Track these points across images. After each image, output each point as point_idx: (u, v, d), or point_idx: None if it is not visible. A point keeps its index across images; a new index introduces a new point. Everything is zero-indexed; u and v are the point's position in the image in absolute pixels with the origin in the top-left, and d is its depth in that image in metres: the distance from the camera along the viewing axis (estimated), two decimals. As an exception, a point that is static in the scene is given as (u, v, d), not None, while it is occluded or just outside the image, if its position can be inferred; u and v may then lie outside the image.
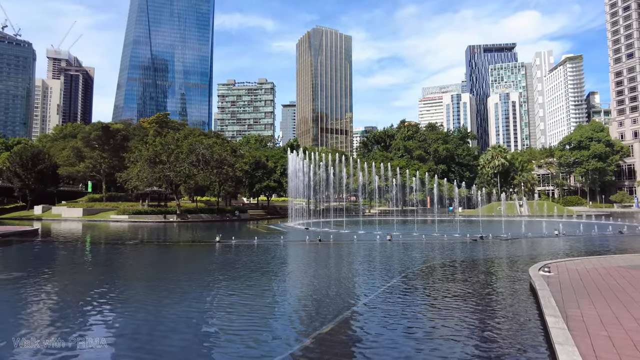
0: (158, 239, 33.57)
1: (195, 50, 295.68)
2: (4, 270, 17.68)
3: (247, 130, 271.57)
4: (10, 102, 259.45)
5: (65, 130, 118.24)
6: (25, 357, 7.16)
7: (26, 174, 79.66)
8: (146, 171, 59.34)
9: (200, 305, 11.03)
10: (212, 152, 62.03)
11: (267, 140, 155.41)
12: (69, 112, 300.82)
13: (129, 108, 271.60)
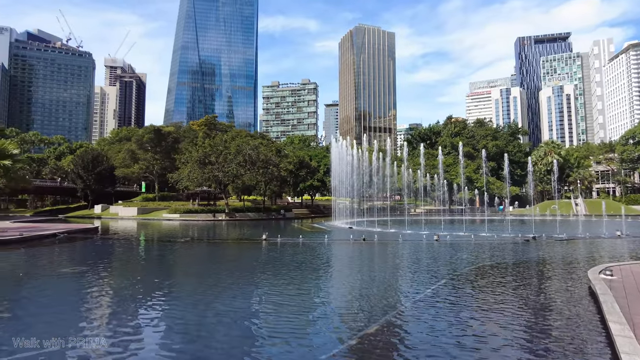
0: (208, 237, 34.81)
1: (240, 54, 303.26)
2: (69, 265, 19.07)
3: (291, 131, 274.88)
4: (73, 109, 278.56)
5: (121, 133, 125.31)
6: (84, 346, 7.68)
7: (87, 175, 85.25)
8: (196, 172, 61.73)
9: (248, 301, 11.34)
10: (258, 153, 63.48)
11: (310, 140, 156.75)
12: (124, 117, 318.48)
13: (179, 111, 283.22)
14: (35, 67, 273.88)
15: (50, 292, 13.09)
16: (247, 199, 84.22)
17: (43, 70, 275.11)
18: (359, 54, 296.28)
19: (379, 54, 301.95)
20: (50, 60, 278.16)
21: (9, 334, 8.22)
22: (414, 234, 34.41)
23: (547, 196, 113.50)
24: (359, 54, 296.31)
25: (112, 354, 7.21)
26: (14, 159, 31.04)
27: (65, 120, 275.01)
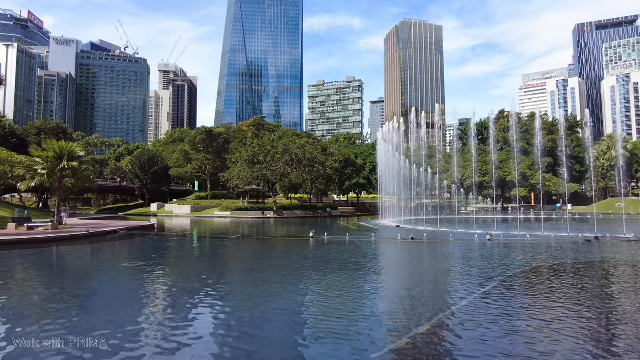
0: (257, 234, 35.73)
1: (286, 55, 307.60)
2: (129, 260, 20.35)
3: (336, 129, 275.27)
4: (130, 113, 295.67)
5: (175, 135, 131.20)
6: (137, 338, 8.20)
7: (144, 175, 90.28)
8: (246, 171, 63.59)
9: (297, 299, 11.54)
10: (304, 152, 64.28)
11: (355, 137, 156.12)
12: (177, 119, 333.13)
13: (228, 113, 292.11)
14: (97, 75, 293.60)
15: (113, 284, 14.06)
16: (294, 197, 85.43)
17: (104, 77, 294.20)
18: (405, 49, 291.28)
19: (425, 49, 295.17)
20: (110, 68, 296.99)
21: (85, 320, 8.99)
22: (465, 233, 33.41)
23: (611, 194, 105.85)
24: (405, 49, 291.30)
25: (163, 347, 7.65)
26: (81, 160, 33.41)
27: (123, 123, 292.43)
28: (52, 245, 24.58)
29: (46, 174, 31.62)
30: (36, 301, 11.39)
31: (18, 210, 45.62)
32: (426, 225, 41.23)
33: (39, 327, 8.59)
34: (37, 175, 31.82)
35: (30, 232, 28.69)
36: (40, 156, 32.26)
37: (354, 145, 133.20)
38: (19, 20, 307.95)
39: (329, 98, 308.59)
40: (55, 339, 7.79)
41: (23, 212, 44.22)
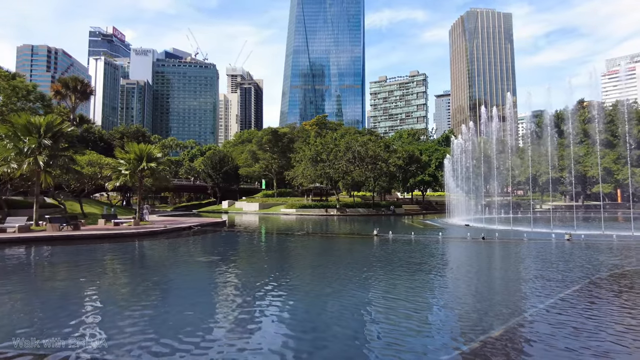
0: (321, 231, 36.21)
1: (348, 53, 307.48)
2: (203, 254, 21.56)
3: (400, 125, 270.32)
4: (202, 116, 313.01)
5: (243, 136, 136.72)
6: (213, 328, 8.66)
7: (215, 175, 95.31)
8: (309, 169, 64.63)
9: (363, 296, 11.52)
10: (366, 149, 63.92)
11: (420, 133, 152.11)
12: (245, 120, 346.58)
13: (292, 113, 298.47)
14: (171, 81, 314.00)
15: (190, 277, 15.01)
16: (356, 194, 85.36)
17: (177, 83, 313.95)
18: (471, 39, 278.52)
19: (494, 38, 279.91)
20: (182, 74, 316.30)
21: (163, 311, 9.75)
22: (541, 232, 31.31)
23: None
24: (471, 40, 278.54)
25: (231, 338, 8.02)
26: (158, 161, 35.99)
27: (195, 126, 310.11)
28: (135, 239, 26.78)
29: (129, 174, 34.51)
30: (121, 291, 12.51)
31: (106, 208, 50.19)
32: (498, 224, 39.21)
33: (123, 315, 9.43)
34: (121, 176, 34.82)
35: (116, 227, 31.50)
36: (123, 158, 35.28)
37: (419, 141, 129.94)
38: (106, 35, 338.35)
39: (391, 94, 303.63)
40: (138, 326, 8.52)
41: (110, 209, 48.57)
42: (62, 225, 27.83)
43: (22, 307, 10.28)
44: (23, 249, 21.35)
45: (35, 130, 28.24)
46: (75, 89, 70.41)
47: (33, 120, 28.61)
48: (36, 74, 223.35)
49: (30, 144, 27.57)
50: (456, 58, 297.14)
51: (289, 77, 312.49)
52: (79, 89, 70.81)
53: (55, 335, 7.78)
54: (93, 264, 17.80)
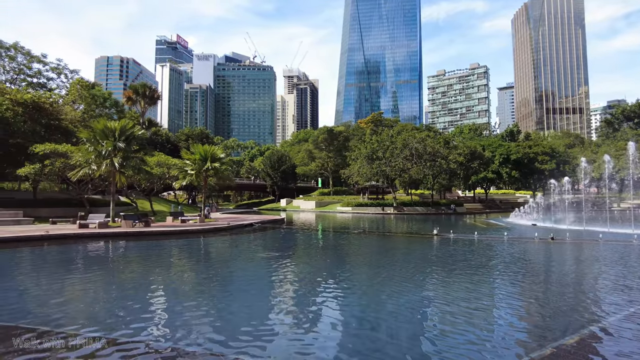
0: (378, 229, 35.89)
1: (404, 48, 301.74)
2: (264, 251, 22.22)
3: (459, 120, 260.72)
4: (260, 117, 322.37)
5: (299, 136, 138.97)
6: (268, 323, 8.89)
7: (274, 174, 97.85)
8: (365, 167, 64.26)
9: (423, 297, 11.29)
10: (424, 146, 62.36)
11: (482, 128, 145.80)
12: (301, 120, 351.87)
13: (347, 111, 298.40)
14: (231, 84, 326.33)
15: (251, 272, 15.55)
16: (414, 193, 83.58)
17: (237, 85, 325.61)
18: (536, 27, 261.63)
19: (562, 24, 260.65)
20: (242, 77, 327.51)
21: (230, 303, 10.22)
22: (619, 233, 28.79)
23: None
24: (536, 28, 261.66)
25: (290, 334, 8.19)
26: (221, 162, 37.63)
27: (254, 127, 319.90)
28: (200, 235, 28.20)
29: (194, 174, 36.45)
30: (188, 283, 13.25)
31: (173, 206, 53.25)
32: (569, 223, 36.62)
33: (190, 306, 10.00)
34: (187, 175, 36.85)
35: (183, 224, 33.36)
36: (189, 159, 37.30)
37: (481, 136, 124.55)
38: (170, 43, 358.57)
39: (450, 88, 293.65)
40: (203, 317, 9.00)
41: (177, 207, 51.47)
42: (134, 222, 29.97)
43: (102, 296, 11.25)
44: (102, 243, 23.29)
45: (111, 134, 30.64)
46: (144, 95, 75.48)
47: (109, 125, 31.05)
48: (111, 82, 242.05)
49: (107, 147, 29.96)
50: (520, 48, 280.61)
51: (344, 76, 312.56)
52: (148, 95, 75.84)
53: (127, 322, 8.45)
54: (162, 258, 19.03)
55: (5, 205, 33.96)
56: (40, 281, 13.22)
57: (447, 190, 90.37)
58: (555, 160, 79.71)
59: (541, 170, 79.63)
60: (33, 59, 55.14)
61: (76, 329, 8.07)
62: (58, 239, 23.77)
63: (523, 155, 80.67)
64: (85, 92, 54.05)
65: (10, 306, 9.93)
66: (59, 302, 10.56)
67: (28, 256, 18.89)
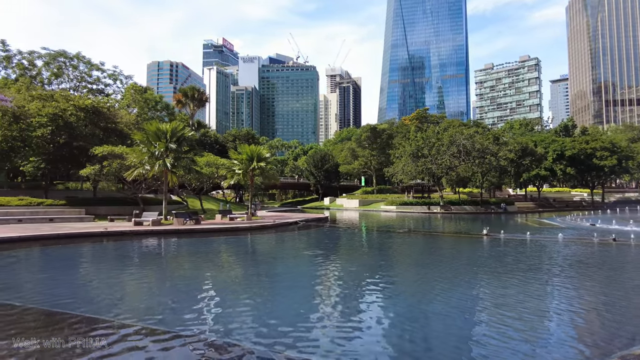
0: (424, 229, 35.16)
1: (449, 42, 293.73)
2: (308, 248, 22.41)
3: (509, 115, 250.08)
4: (303, 117, 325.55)
5: (342, 134, 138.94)
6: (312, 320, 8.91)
7: (317, 172, 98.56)
8: (410, 165, 63.10)
9: (472, 299, 10.92)
10: (472, 142, 60.30)
11: (533, 123, 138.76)
12: (344, 119, 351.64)
13: (391, 108, 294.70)
14: (275, 85, 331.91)
15: (297, 269, 15.74)
16: (462, 191, 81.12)
17: (281, 86, 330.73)
18: (594, 14, 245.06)
19: (624, 8, 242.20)
20: (285, 78, 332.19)
21: (270, 302, 10.40)
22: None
23: None
24: (594, 15, 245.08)
25: (335, 333, 8.17)
26: (267, 161, 38.46)
27: (298, 127, 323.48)
28: (247, 233, 28.91)
29: (241, 173, 37.49)
30: (238, 279, 13.61)
31: (222, 204, 54.91)
32: (634, 224, 34.08)
33: (239, 301, 10.26)
34: (235, 175, 37.95)
35: (231, 222, 34.34)
36: (236, 159, 38.39)
37: (532, 131, 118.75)
38: (217, 46, 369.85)
39: (499, 82, 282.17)
40: (251, 311, 9.20)
41: (225, 205, 53.02)
42: (185, 219, 31.21)
43: (155, 289, 11.81)
44: (156, 240, 24.44)
45: (163, 136, 32.07)
46: (193, 98, 78.38)
47: (161, 127, 32.52)
48: (162, 86, 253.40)
49: (159, 148, 31.40)
50: (575, 37, 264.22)
51: (387, 73, 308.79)
52: (196, 97, 78.70)
53: (179, 315, 8.80)
54: (212, 254, 19.70)
55: (70, 203, 36.50)
56: (100, 274, 14.09)
57: (497, 189, 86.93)
58: (617, 156, 74.24)
59: (600, 167, 74.51)
60: (92, 67, 58.99)
61: (130, 319, 8.53)
62: (115, 236, 25.23)
63: (579, 151, 75.87)
64: (138, 96, 57.02)
65: (75, 296, 10.68)
66: (116, 294, 11.21)
67: (90, 251, 20.20)
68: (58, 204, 35.33)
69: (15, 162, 36.52)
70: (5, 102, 35.44)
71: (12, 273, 14.44)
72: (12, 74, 54.76)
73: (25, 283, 12.83)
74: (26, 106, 36.14)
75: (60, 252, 19.40)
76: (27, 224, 29.29)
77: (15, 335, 7.48)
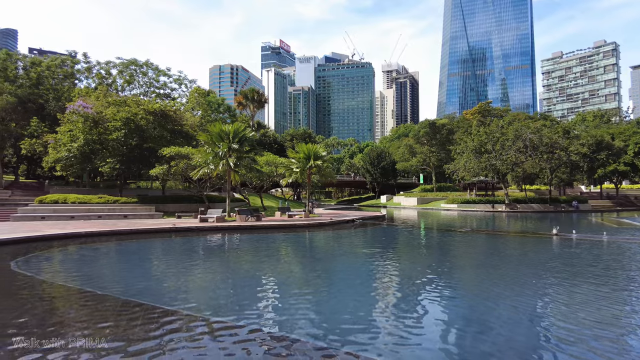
0: (488, 228, 33.68)
1: (512, 31, 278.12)
2: (366, 246, 22.33)
3: (581, 106, 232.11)
4: (359, 114, 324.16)
5: (399, 131, 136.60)
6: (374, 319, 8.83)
7: (374, 170, 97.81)
8: (472, 162, 60.66)
9: (540, 303, 10.31)
10: (540, 136, 56.75)
11: (610, 114, 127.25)
12: (401, 115, 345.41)
13: (450, 103, 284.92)
14: (331, 84, 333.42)
15: (354, 267, 15.74)
16: (529, 188, 76.67)
17: (337, 85, 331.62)
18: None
19: None
20: (340, 76, 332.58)
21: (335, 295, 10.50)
22: None
23: None
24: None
25: (393, 333, 8.06)
26: (323, 159, 38.81)
27: (354, 124, 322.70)
28: (305, 230, 29.39)
29: (299, 171, 38.17)
30: (297, 275, 13.90)
31: (281, 202, 56.20)
32: None
33: (299, 297, 10.47)
34: (293, 173, 38.74)
35: (290, 219, 35.09)
36: (294, 157, 39.17)
37: (609, 123, 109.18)
38: (274, 48, 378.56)
39: (569, 71, 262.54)
40: (308, 308, 9.36)
41: (284, 203, 54.20)
42: (247, 216, 32.36)
43: (220, 283, 12.37)
44: (220, 236, 25.59)
45: (225, 137, 33.46)
46: (253, 99, 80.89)
47: (224, 129, 33.96)
48: (223, 89, 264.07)
49: (223, 149, 32.81)
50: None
51: (446, 66, 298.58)
52: (256, 99, 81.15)
53: (241, 308, 9.16)
54: (273, 250, 20.28)
55: (141, 201, 39.25)
56: (169, 267, 15.03)
57: (568, 186, 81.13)
58: None
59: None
60: (160, 73, 62.93)
61: (196, 310, 9.03)
62: (183, 232, 26.76)
63: (666, 144, 68.63)
64: (202, 99, 59.87)
65: (148, 286, 11.51)
66: (184, 286, 11.91)
67: (160, 245, 21.59)
68: (131, 202, 38.13)
69: (95, 163, 39.87)
70: (87, 108, 38.85)
71: (94, 264, 15.84)
72: (92, 83, 59.87)
73: (105, 273, 14.03)
74: (103, 112, 39.38)
75: (134, 246, 20.93)
76: (106, 220, 31.94)
77: (96, 320, 8.23)
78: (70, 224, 28.54)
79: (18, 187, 46.48)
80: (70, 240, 21.62)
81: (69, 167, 39.18)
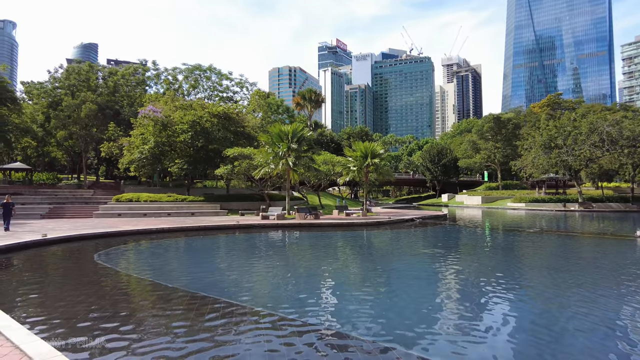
0: (559, 229, 31.52)
1: (586, 15, 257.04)
2: (427, 246, 21.82)
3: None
4: (418, 110, 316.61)
5: (461, 126, 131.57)
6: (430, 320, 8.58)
7: (434, 167, 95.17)
8: (541, 157, 57.10)
9: (622, 312, 9.49)
10: (620, 129, 52.04)
11: None
12: (462, 110, 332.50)
13: (516, 96, 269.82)
14: (388, 80, 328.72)
15: (415, 268, 15.47)
16: (606, 186, 70.66)
17: (394, 81, 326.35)
18: None
19: None
20: (398, 72, 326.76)
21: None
22: None
23: None
24: None
25: (456, 337, 7.80)
26: (381, 157, 38.45)
27: (412, 121, 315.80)
28: (363, 228, 29.30)
29: (356, 170, 38.11)
30: (356, 273, 13.94)
31: (338, 200, 56.46)
32: None
33: (357, 296, 10.50)
34: (350, 172, 38.75)
35: (347, 217, 35.17)
36: (351, 156, 39.18)
37: None
38: (331, 48, 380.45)
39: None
40: (371, 308, 9.35)
41: (342, 201, 54.42)
42: (306, 214, 32.91)
43: (281, 279, 12.72)
44: (280, 233, 26.28)
45: (285, 137, 34.29)
46: (311, 100, 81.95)
47: (283, 129, 34.83)
48: (282, 90, 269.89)
49: (283, 149, 33.68)
50: None
51: (511, 57, 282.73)
52: (313, 99, 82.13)
53: (300, 303, 9.36)
54: (331, 248, 20.48)
55: (207, 199, 41.34)
56: (233, 262, 15.70)
57: (654, 183, 73.58)
58: None
59: None
60: (222, 77, 65.77)
61: (258, 305, 9.38)
62: (245, 228, 27.81)
63: None
64: (262, 101, 61.76)
65: (213, 281, 12.14)
66: (247, 281, 12.40)
67: (224, 241, 22.62)
68: (197, 200, 40.28)
69: (164, 164, 42.60)
70: (156, 113, 41.61)
71: (164, 258, 16.97)
72: (161, 88, 64.01)
73: (173, 267, 14.98)
74: (171, 115, 41.93)
75: (201, 241, 22.10)
76: (175, 217, 34.03)
77: (165, 311, 8.83)
78: (142, 220, 30.78)
79: (99, 187, 50.89)
80: (143, 236, 23.31)
81: (141, 167, 42.28)
